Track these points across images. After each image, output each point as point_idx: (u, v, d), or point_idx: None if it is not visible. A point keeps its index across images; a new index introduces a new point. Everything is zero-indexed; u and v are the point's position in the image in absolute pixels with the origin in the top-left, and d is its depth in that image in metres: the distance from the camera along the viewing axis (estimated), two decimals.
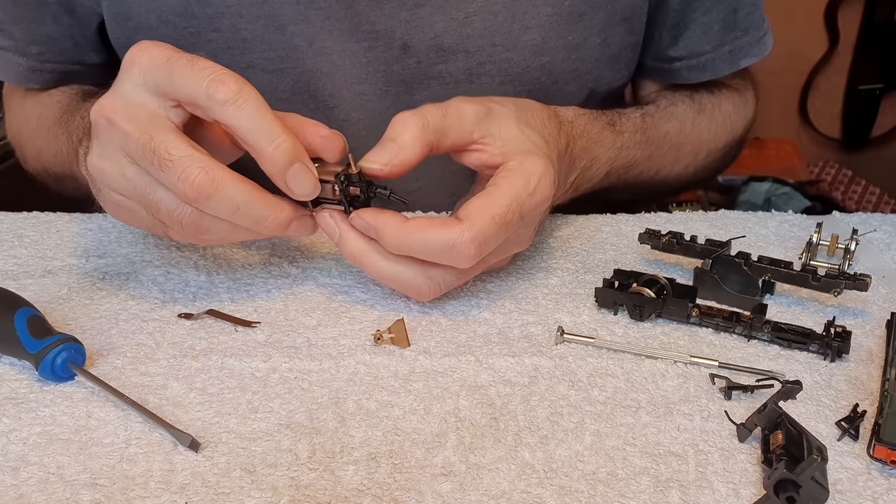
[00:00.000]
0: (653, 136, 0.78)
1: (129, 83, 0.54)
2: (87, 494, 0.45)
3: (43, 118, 0.80)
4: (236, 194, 0.53)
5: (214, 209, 0.53)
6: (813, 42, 2.08)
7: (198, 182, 0.52)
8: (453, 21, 0.73)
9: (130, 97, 0.54)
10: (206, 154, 0.53)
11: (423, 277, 0.58)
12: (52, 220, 0.73)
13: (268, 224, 0.55)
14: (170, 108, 0.54)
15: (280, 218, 0.55)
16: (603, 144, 0.73)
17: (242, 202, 0.53)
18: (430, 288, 0.58)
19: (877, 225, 0.73)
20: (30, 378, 0.54)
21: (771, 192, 1.93)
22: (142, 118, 0.53)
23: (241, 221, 0.54)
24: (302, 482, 0.46)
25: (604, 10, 0.76)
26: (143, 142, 0.52)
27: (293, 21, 0.72)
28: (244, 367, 0.55)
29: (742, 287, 0.61)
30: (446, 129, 0.58)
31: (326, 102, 0.76)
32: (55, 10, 0.77)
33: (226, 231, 0.56)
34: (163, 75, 0.53)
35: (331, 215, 0.58)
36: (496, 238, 0.56)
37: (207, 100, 0.52)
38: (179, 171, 0.52)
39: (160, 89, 0.53)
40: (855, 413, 0.51)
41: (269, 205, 0.54)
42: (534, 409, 0.51)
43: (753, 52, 0.83)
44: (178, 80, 0.52)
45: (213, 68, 0.52)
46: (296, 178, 0.54)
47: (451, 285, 0.59)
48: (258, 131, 0.53)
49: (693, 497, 0.45)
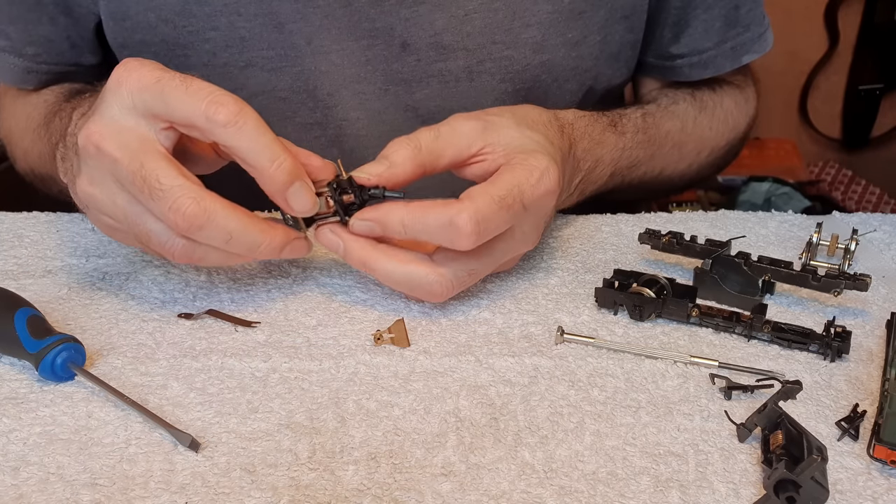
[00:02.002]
0: (654, 136, 0.78)
1: (116, 106, 0.53)
2: (87, 494, 0.45)
3: (31, 118, 0.79)
4: (228, 223, 0.53)
5: (207, 239, 0.53)
6: (813, 42, 2.08)
7: (189, 213, 0.51)
8: (453, 18, 0.73)
9: (119, 121, 0.53)
10: (197, 183, 0.53)
11: (434, 276, 0.57)
12: (52, 220, 0.72)
13: (262, 250, 0.55)
14: (160, 131, 0.53)
15: (274, 243, 0.55)
16: (605, 146, 0.73)
17: (235, 230, 0.53)
18: (443, 286, 0.57)
19: (877, 225, 0.73)
20: (30, 378, 0.54)
21: (771, 192, 1.93)
22: (131, 144, 0.52)
23: (234, 249, 0.54)
24: (302, 482, 0.46)
25: (604, 8, 0.76)
26: (133, 169, 0.52)
27: (291, 19, 0.72)
28: (244, 367, 0.55)
29: (742, 287, 0.61)
30: (441, 150, 0.57)
31: (325, 101, 0.76)
32: (52, 10, 0.76)
33: (220, 258, 0.56)
34: (153, 97, 0.52)
35: (331, 230, 0.58)
36: (496, 219, 0.55)
37: (207, 122, 0.51)
38: (170, 201, 0.51)
39: (151, 111, 0.53)
40: (855, 413, 0.51)
41: (262, 231, 0.54)
42: (534, 409, 0.51)
43: (755, 49, 0.83)
44: (173, 103, 0.52)
45: (210, 89, 0.52)
46: (296, 196, 0.54)
47: (464, 283, 0.58)
48: (259, 152, 0.53)
49: (693, 497, 0.45)
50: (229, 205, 0.53)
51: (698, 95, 0.84)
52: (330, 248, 0.58)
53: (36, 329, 0.54)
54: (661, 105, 0.82)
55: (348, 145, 0.78)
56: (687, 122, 0.82)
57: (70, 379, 0.53)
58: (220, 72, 0.74)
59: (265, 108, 0.74)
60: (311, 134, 0.78)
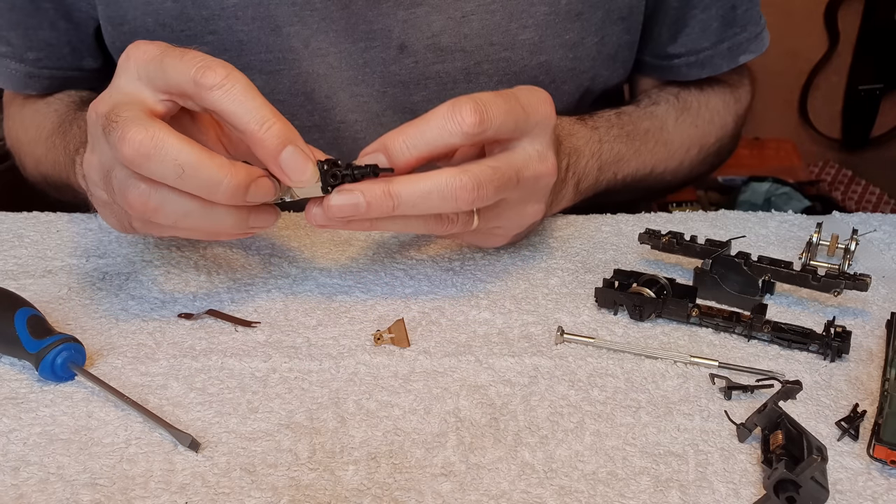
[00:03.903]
0: (632, 132, 0.78)
1: (124, 77, 0.54)
2: (87, 494, 0.45)
3: (41, 128, 0.80)
4: (179, 154, 0.49)
5: (157, 172, 0.50)
6: (813, 42, 2.08)
7: (136, 140, 0.49)
8: (451, 20, 0.73)
9: (122, 89, 0.53)
10: (162, 122, 0.51)
11: (458, 172, 0.54)
12: (52, 220, 0.73)
13: (223, 189, 0.51)
14: (160, 101, 0.53)
15: (236, 180, 0.51)
16: (579, 137, 0.73)
17: (187, 163, 0.49)
18: (470, 181, 0.54)
19: (877, 225, 0.73)
20: (30, 378, 0.54)
21: (771, 192, 1.93)
22: (121, 99, 0.52)
23: (189, 187, 0.50)
24: (302, 482, 0.46)
25: (601, 9, 0.76)
26: (105, 111, 0.51)
27: (289, 23, 0.72)
28: (244, 367, 0.55)
29: (742, 287, 0.61)
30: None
31: (323, 104, 0.76)
32: (52, 15, 0.77)
33: (179, 210, 0.52)
34: (155, 67, 0.52)
35: (342, 189, 0.54)
36: (493, 102, 0.54)
37: (195, 86, 0.51)
38: (120, 131, 0.50)
39: (153, 82, 0.53)
40: (855, 413, 0.51)
41: (219, 166, 0.50)
42: (534, 409, 0.51)
43: (752, 49, 0.84)
44: (169, 70, 0.52)
45: (203, 57, 0.52)
46: (290, 162, 0.52)
47: (489, 179, 0.55)
48: (246, 114, 0.51)
49: (693, 497, 0.45)
50: (184, 138, 0.50)
51: (682, 96, 0.84)
52: (347, 211, 0.54)
53: (36, 329, 0.54)
54: (641, 105, 0.82)
55: (347, 147, 0.78)
56: (667, 121, 0.82)
57: (70, 379, 0.53)
58: None
59: None
60: (310, 136, 0.78)
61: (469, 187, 0.54)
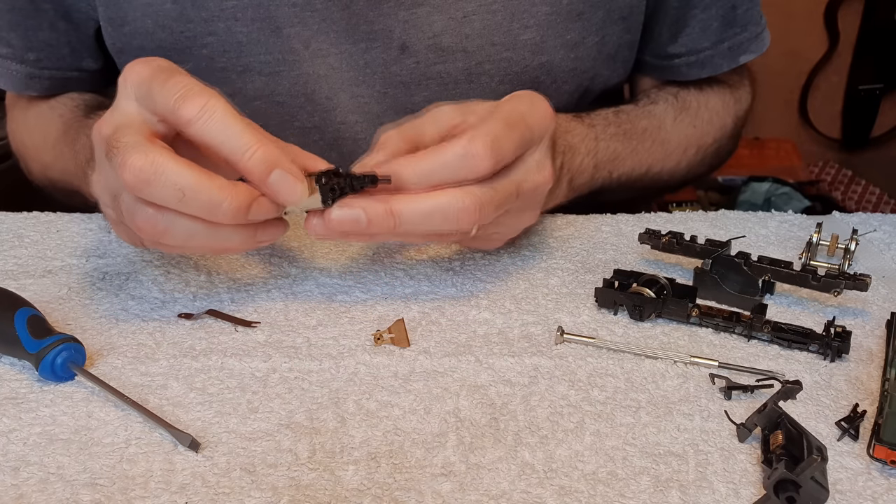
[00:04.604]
0: (630, 130, 0.78)
1: (124, 98, 0.54)
2: (87, 494, 0.45)
3: (47, 134, 0.80)
4: (179, 178, 0.50)
5: (159, 197, 0.50)
6: (813, 42, 2.08)
7: (136, 167, 0.49)
8: (452, 20, 0.73)
9: (122, 109, 0.54)
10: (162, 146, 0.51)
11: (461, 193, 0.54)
12: (52, 220, 0.73)
13: (224, 209, 0.51)
14: (156, 123, 0.53)
15: (236, 201, 0.51)
16: (575, 134, 0.73)
17: (187, 187, 0.50)
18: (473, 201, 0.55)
19: (877, 225, 0.73)
20: (30, 378, 0.54)
21: (771, 192, 1.93)
22: (121, 121, 0.53)
23: (191, 209, 0.51)
24: (302, 482, 0.46)
25: (602, 9, 0.76)
26: (107, 135, 0.52)
27: (289, 23, 0.72)
28: (244, 367, 0.55)
29: (742, 287, 0.62)
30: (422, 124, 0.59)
31: (324, 105, 0.76)
32: (52, 16, 0.77)
33: (186, 231, 0.52)
34: (145, 92, 0.53)
35: (342, 204, 0.54)
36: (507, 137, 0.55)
37: (175, 119, 0.51)
38: (121, 157, 0.50)
39: (146, 105, 0.53)
40: (855, 413, 0.51)
41: (220, 188, 0.51)
42: (534, 409, 0.51)
43: (752, 49, 0.84)
44: (154, 97, 0.52)
45: (183, 84, 0.51)
46: (278, 186, 0.52)
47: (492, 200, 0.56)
48: (227, 143, 0.51)
49: (693, 497, 0.45)
50: (184, 161, 0.50)
51: (681, 96, 0.84)
52: (347, 226, 0.54)
53: (36, 329, 0.54)
54: (639, 104, 0.82)
55: (347, 148, 0.78)
56: (665, 121, 0.82)
57: (70, 379, 0.53)
58: (218, 76, 0.74)
59: (263, 113, 0.75)
60: (310, 138, 0.78)
61: (471, 209, 0.55)
